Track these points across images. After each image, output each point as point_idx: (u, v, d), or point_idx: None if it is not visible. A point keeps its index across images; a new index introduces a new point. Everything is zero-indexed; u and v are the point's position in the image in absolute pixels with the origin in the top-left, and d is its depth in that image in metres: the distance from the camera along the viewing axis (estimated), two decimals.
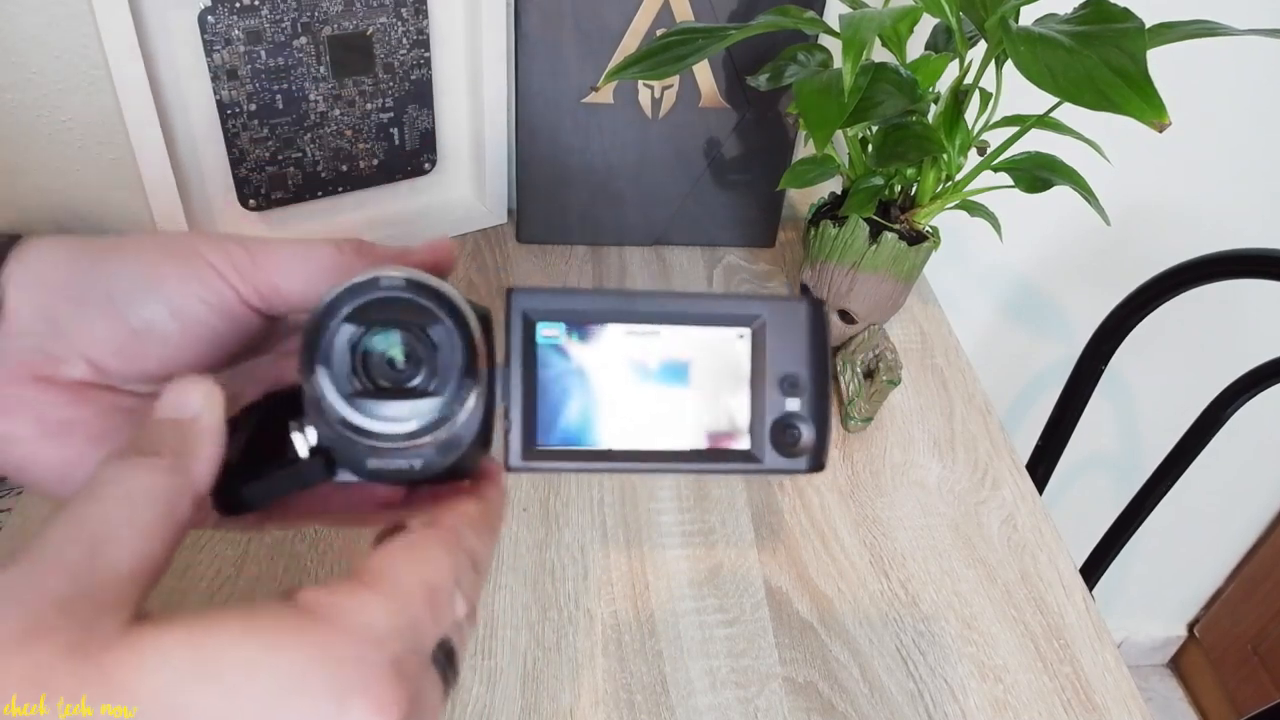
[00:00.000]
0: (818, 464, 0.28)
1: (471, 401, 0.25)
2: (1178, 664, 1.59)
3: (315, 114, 0.69)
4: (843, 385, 0.65)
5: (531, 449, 0.27)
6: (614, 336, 0.27)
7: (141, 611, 0.21)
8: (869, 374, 0.65)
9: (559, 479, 0.59)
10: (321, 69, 0.67)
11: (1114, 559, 0.95)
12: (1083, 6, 0.48)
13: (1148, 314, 0.79)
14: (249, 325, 0.29)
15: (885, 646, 0.52)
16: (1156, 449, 0.88)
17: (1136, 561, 1.33)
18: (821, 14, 0.67)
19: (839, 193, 0.66)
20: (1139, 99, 0.42)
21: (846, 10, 0.56)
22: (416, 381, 0.25)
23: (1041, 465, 0.90)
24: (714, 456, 0.28)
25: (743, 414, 0.28)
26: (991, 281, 1.04)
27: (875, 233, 0.62)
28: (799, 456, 0.28)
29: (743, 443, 0.28)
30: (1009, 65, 0.48)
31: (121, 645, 0.19)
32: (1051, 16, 0.49)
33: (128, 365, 0.28)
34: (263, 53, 0.64)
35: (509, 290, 0.27)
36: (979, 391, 0.70)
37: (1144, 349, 0.95)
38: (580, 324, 0.27)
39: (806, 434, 0.28)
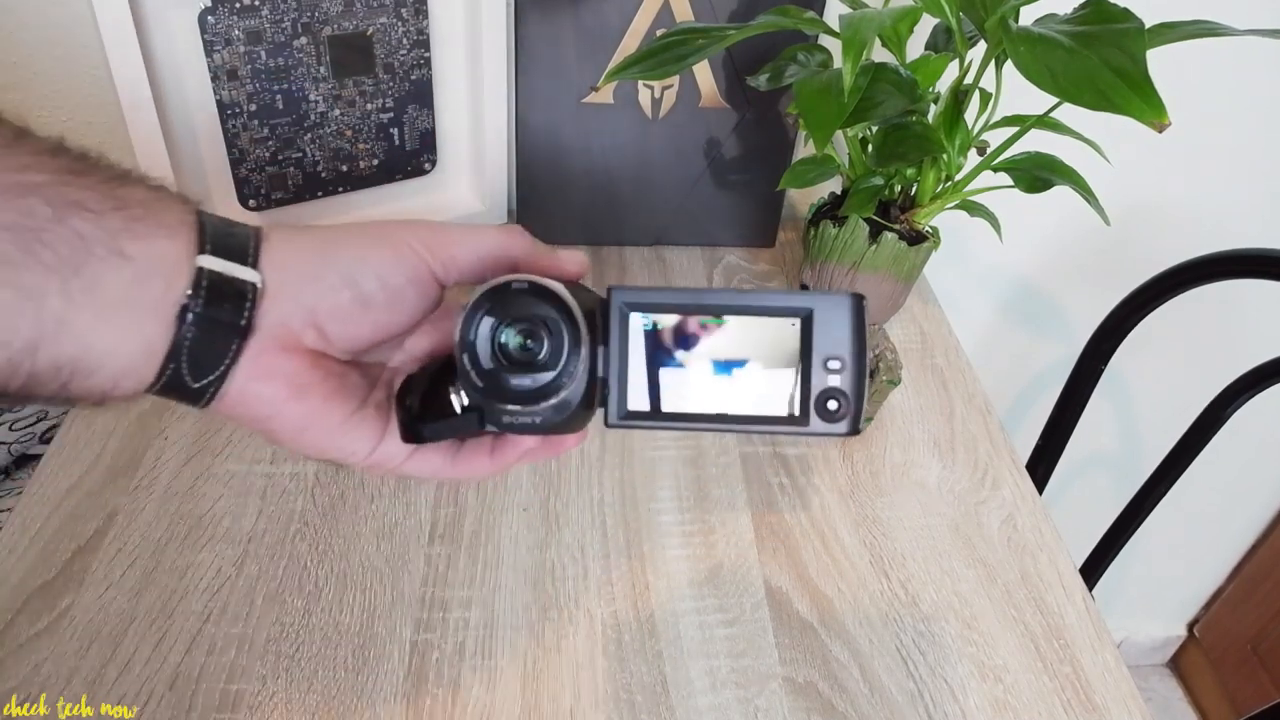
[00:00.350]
0: (854, 429, 0.34)
1: (578, 374, 0.34)
2: (1178, 664, 1.59)
3: (315, 114, 0.69)
4: None
5: (624, 411, 0.35)
6: (691, 325, 0.35)
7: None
8: (869, 374, 0.65)
9: (559, 479, 0.59)
10: (322, 69, 0.67)
11: (1114, 559, 0.95)
12: (1083, 6, 0.48)
13: (1148, 314, 0.79)
14: (431, 294, 0.36)
15: (885, 646, 0.52)
16: (1156, 449, 0.88)
17: (1136, 561, 1.33)
18: (821, 14, 0.67)
19: (839, 193, 0.66)
20: (1139, 99, 0.42)
21: (846, 10, 0.56)
22: (537, 359, 0.34)
23: (1041, 465, 0.90)
24: (769, 421, 0.35)
25: (793, 387, 0.35)
26: (991, 281, 1.04)
27: (875, 233, 0.62)
28: (839, 422, 0.34)
29: (793, 410, 0.35)
30: (1009, 65, 0.48)
31: None
32: (1051, 16, 0.49)
33: (345, 332, 0.34)
34: (263, 53, 0.64)
35: (609, 288, 0.35)
36: (979, 391, 0.70)
37: (1144, 349, 0.95)
38: (665, 314, 0.35)
39: (845, 405, 0.34)
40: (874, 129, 0.61)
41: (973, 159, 0.59)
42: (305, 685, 0.48)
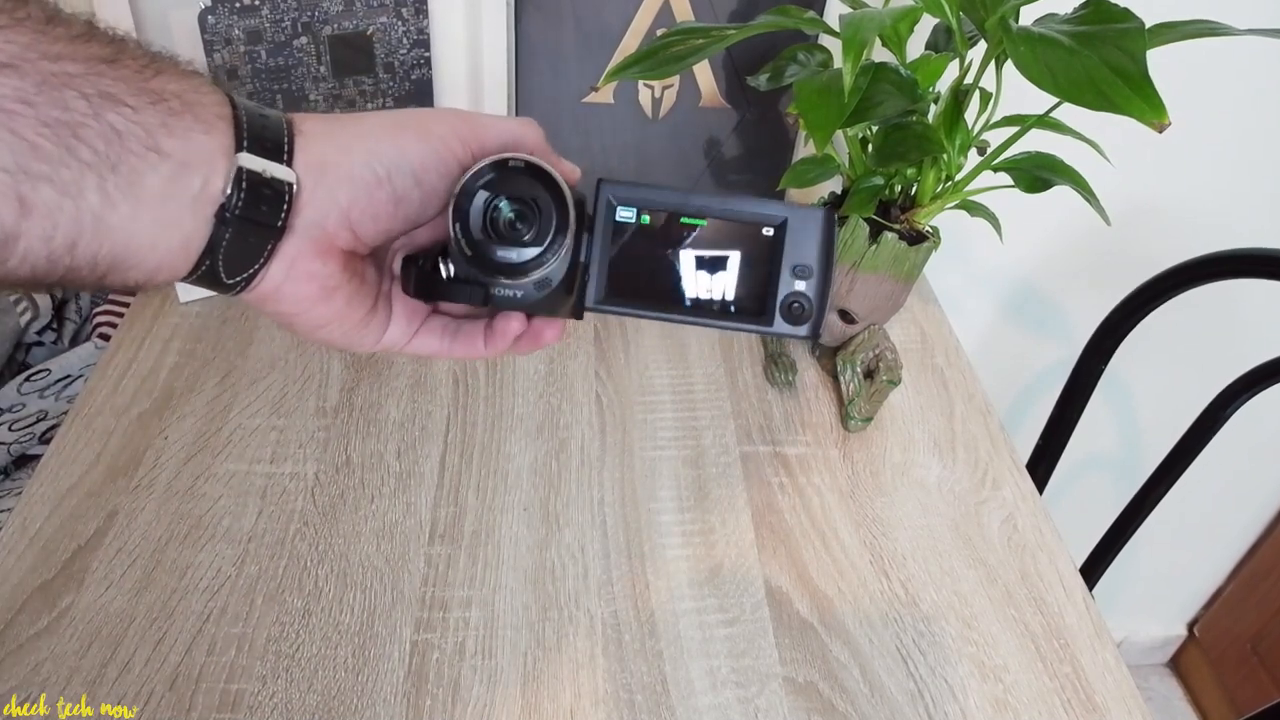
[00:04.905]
0: (814, 333, 0.37)
1: (561, 251, 0.35)
2: (1178, 664, 1.59)
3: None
4: (843, 385, 0.65)
5: (600, 295, 0.37)
6: (673, 222, 0.37)
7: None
8: (869, 374, 0.65)
9: (559, 479, 0.59)
10: (322, 69, 0.67)
11: (1114, 559, 0.95)
12: (1083, 6, 0.48)
13: (1148, 314, 0.79)
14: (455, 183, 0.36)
15: (885, 646, 0.52)
16: (1156, 449, 0.88)
17: (1136, 561, 1.33)
18: (821, 14, 0.67)
19: (839, 192, 0.66)
20: (1139, 99, 0.42)
21: (846, 10, 0.56)
22: (524, 235, 0.35)
23: (1042, 465, 0.90)
24: (736, 316, 0.37)
25: (762, 288, 0.37)
26: (992, 281, 1.04)
27: (875, 233, 0.62)
28: (801, 325, 0.37)
29: (759, 308, 0.37)
30: (1009, 65, 0.48)
31: None
32: (1051, 16, 0.49)
33: (376, 229, 0.35)
34: (263, 52, 0.64)
35: (599, 180, 0.37)
36: (979, 391, 0.70)
37: (1144, 349, 0.95)
38: (649, 210, 0.37)
39: (809, 309, 0.37)
40: (874, 129, 0.61)
41: (973, 159, 0.59)
42: (305, 685, 0.48)
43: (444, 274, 0.36)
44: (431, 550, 0.55)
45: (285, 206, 0.32)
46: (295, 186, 0.32)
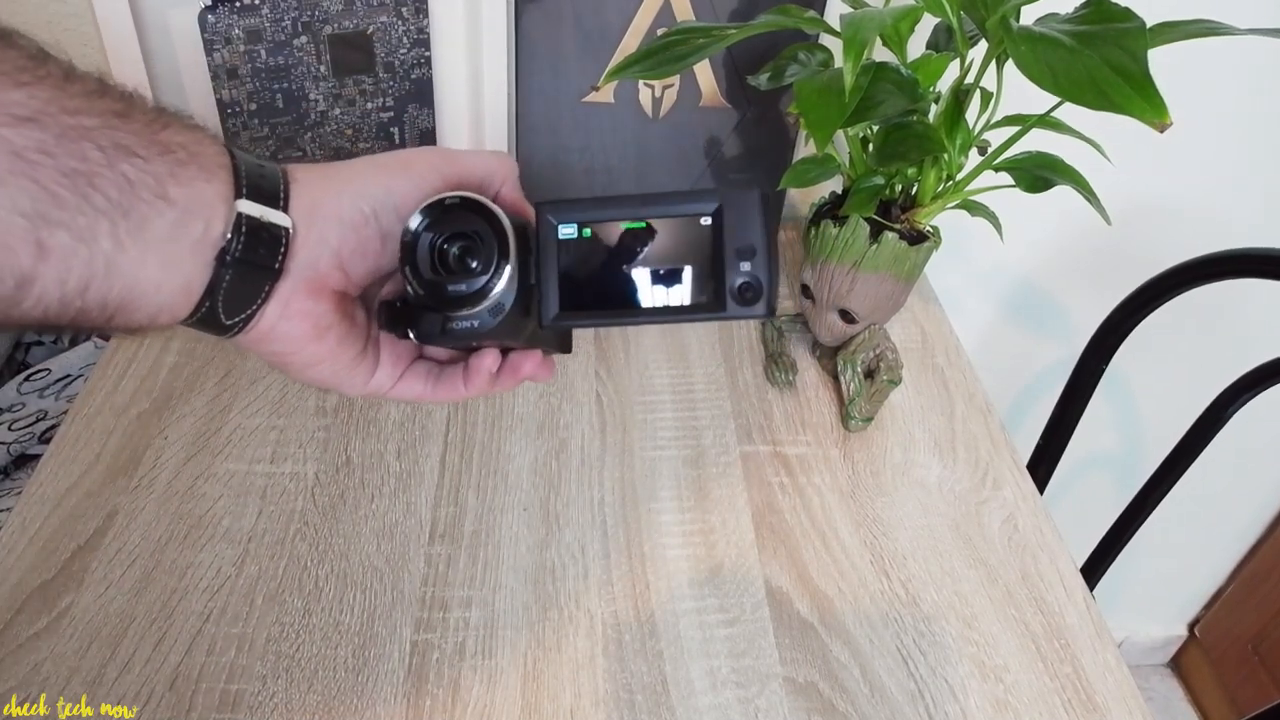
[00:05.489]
0: (770, 309, 0.37)
1: (505, 275, 0.36)
2: (1178, 664, 1.59)
3: (315, 113, 0.69)
4: (843, 385, 0.65)
5: (553, 312, 0.38)
6: (613, 229, 0.38)
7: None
8: (869, 374, 0.65)
9: (559, 479, 0.59)
10: (322, 68, 0.67)
11: (1114, 559, 0.95)
12: (1084, 6, 0.48)
13: (1148, 314, 0.79)
14: None
15: (886, 646, 0.52)
16: (1157, 449, 0.88)
17: (1137, 561, 1.32)
18: (822, 13, 0.67)
19: (839, 192, 0.66)
20: (1140, 99, 0.42)
21: (847, 10, 0.55)
22: (471, 266, 0.36)
23: (1042, 465, 0.90)
24: (690, 310, 0.38)
25: (710, 276, 0.37)
26: (992, 281, 1.03)
27: (876, 232, 0.62)
28: (754, 305, 0.37)
29: (712, 297, 0.37)
30: (1010, 65, 0.48)
31: None
32: (1052, 16, 0.49)
33: (365, 266, 0.37)
34: (263, 52, 0.64)
35: (536, 204, 0.38)
36: (980, 391, 0.70)
37: (1144, 349, 0.95)
38: (588, 223, 0.38)
39: (759, 288, 0.37)
40: (875, 128, 0.61)
41: (974, 158, 0.59)
42: (305, 685, 0.47)
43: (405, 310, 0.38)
44: (431, 550, 0.55)
45: (282, 249, 0.34)
46: (290, 230, 0.34)
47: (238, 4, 0.61)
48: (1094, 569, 0.96)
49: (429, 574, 0.53)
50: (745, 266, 0.37)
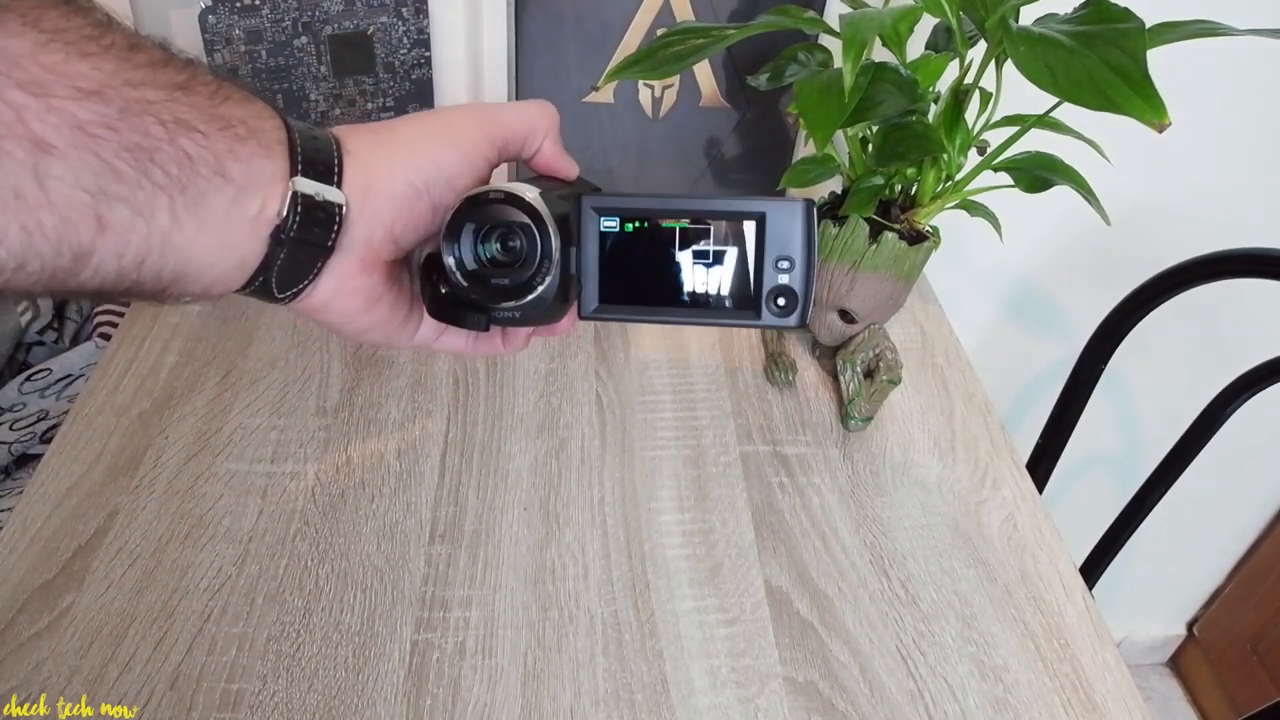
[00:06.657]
0: (802, 322, 0.38)
1: (549, 272, 0.37)
2: (1177, 663, 1.59)
3: (316, 113, 0.69)
4: (843, 385, 0.65)
5: (594, 304, 0.39)
6: (654, 226, 0.38)
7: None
8: (869, 374, 0.65)
9: (559, 479, 0.59)
10: (322, 68, 0.67)
11: (1114, 558, 0.95)
12: (1083, 6, 0.48)
13: (1148, 313, 0.79)
14: (485, 177, 0.39)
15: (885, 646, 0.52)
16: (1156, 449, 0.88)
17: (1136, 561, 1.32)
18: (822, 14, 0.67)
19: (839, 192, 0.66)
20: (1139, 99, 0.42)
21: (847, 10, 0.56)
22: (514, 261, 0.37)
23: (1042, 465, 0.90)
24: (725, 312, 0.38)
25: (747, 282, 0.38)
26: (992, 281, 1.04)
27: (875, 232, 0.62)
28: (789, 315, 0.38)
29: (746, 303, 0.38)
30: (1009, 65, 0.48)
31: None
32: (1051, 16, 0.49)
33: (415, 235, 0.37)
34: (263, 52, 0.64)
35: (579, 196, 0.39)
36: (979, 391, 0.70)
37: (1144, 349, 0.95)
38: (630, 218, 0.38)
39: (794, 299, 0.37)
40: (874, 128, 0.61)
41: (973, 159, 0.59)
42: (306, 685, 0.48)
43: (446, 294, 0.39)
44: (432, 550, 0.55)
45: (336, 227, 0.34)
46: (345, 208, 0.34)
47: (238, 4, 0.61)
48: (1093, 568, 0.96)
49: (429, 573, 0.53)
50: (783, 278, 0.37)
